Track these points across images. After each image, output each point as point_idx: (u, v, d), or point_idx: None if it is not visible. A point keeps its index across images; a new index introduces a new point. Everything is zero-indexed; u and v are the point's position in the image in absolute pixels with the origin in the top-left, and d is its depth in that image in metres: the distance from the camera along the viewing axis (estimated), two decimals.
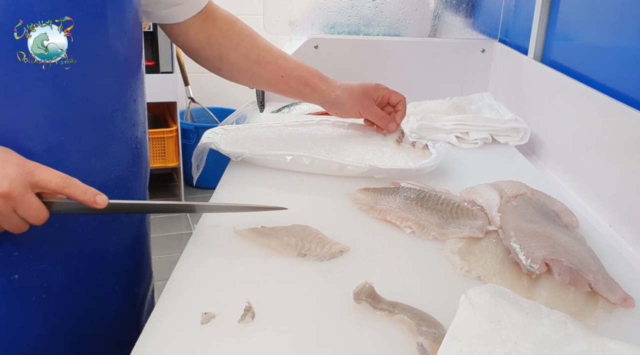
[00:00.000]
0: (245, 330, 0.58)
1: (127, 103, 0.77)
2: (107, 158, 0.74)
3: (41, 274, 0.70)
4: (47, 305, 0.72)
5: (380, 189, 0.87)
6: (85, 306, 0.77)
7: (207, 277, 0.67)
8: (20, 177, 0.60)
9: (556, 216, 0.80)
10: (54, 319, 0.73)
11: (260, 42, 0.99)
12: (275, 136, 1.05)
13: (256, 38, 0.99)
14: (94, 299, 0.78)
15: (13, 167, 0.59)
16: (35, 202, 0.61)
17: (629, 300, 0.63)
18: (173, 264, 0.69)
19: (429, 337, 0.55)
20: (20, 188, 0.59)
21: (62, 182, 0.62)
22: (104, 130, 0.74)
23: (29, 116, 0.65)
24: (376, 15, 1.53)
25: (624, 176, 0.89)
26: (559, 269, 0.65)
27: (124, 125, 0.77)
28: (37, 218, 0.62)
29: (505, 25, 1.50)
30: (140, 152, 0.82)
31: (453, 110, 1.29)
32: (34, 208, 0.61)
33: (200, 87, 3.03)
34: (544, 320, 0.55)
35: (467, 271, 0.69)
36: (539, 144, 1.19)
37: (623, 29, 1.00)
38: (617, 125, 0.92)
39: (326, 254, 0.70)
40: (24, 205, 0.60)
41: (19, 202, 0.60)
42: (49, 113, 0.66)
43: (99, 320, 0.80)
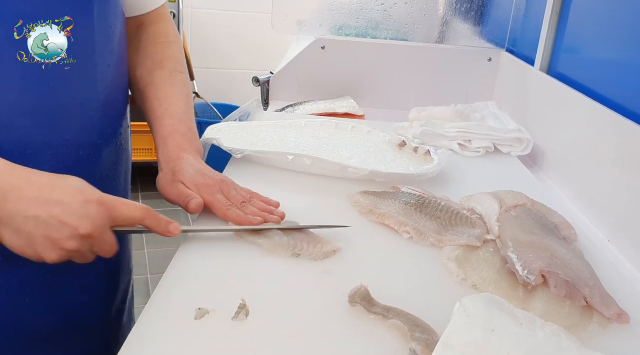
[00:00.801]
0: (238, 327, 0.57)
1: (120, 99, 0.77)
2: (100, 155, 0.74)
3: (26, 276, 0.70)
4: (31, 303, 0.71)
5: (380, 192, 0.87)
6: (68, 304, 0.76)
7: (203, 274, 0.67)
8: (102, 217, 0.59)
9: (555, 228, 0.80)
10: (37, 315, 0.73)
11: (156, 80, 0.81)
12: (278, 135, 1.05)
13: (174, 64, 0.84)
14: (77, 297, 0.77)
15: (94, 207, 0.58)
16: (110, 239, 0.61)
17: (623, 316, 0.63)
18: (169, 259, 0.69)
19: (421, 344, 0.55)
20: (101, 229, 0.59)
21: (141, 215, 0.62)
22: (105, 129, 0.74)
23: (30, 116, 0.65)
24: (385, 19, 1.53)
25: (625, 192, 0.89)
26: (556, 281, 0.65)
27: (116, 123, 0.77)
28: (110, 253, 0.62)
29: (513, 35, 1.50)
30: (124, 148, 0.82)
31: (457, 117, 1.29)
32: (109, 244, 0.61)
33: (206, 82, 3.03)
34: (538, 333, 0.55)
35: (463, 279, 0.69)
36: (541, 155, 1.19)
37: (631, 44, 1.00)
38: (621, 141, 0.92)
39: (319, 253, 0.70)
40: (101, 243, 0.60)
41: (97, 241, 0.59)
42: (50, 112, 0.66)
43: (81, 317, 0.79)
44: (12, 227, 0.56)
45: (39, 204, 0.56)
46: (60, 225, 0.56)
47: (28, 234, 0.56)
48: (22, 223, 0.56)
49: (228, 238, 0.73)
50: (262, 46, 3.00)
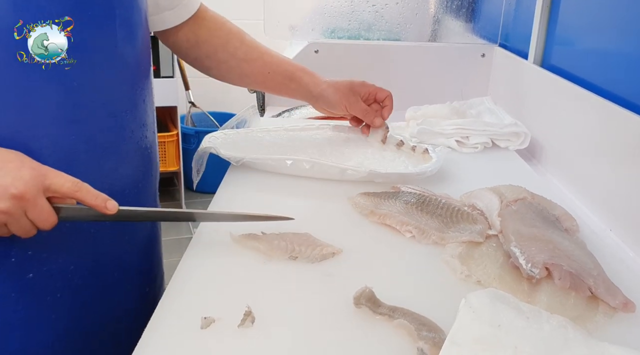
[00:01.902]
0: (245, 335, 0.57)
1: (136, 103, 0.77)
2: (117, 159, 0.75)
3: (55, 273, 0.71)
4: (61, 304, 0.72)
5: (381, 193, 0.87)
6: (98, 305, 0.77)
7: (207, 282, 0.67)
8: (34, 179, 0.60)
9: (556, 220, 0.80)
10: (68, 318, 0.73)
11: (247, 40, 0.99)
12: (276, 140, 1.05)
13: (244, 36, 0.99)
14: (107, 298, 0.78)
15: (27, 170, 0.60)
16: (46, 206, 0.61)
17: (629, 305, 0.63)
18: (173, 269, 0.69)
19: (429, 342, 0.55)
20: (34, 191, 0.60)
21: (73, 186, 0.62)
22: (113, 130, 0.74)
23: (31, 117, 0.65)
24: (376, 19, 1.53)
25: (625, 180, 0.89)
26: (560, 273, 0.65)
27: (133, 126, 0.77)
28: (47, 222, 0.62)
29: (505, 30, 1.50)
30: (150, 154, 0.82)
31: (453, 114, 1.29)
32: (44, 212, 0.61)
33: (201, 91, 3.03)
34: (544, 325, 0.55)
35: (467, 276, 0.69)
36: (539, 148, 1.19)
37: (622, 34, 1.00)
38: (617, 129, 0.92)
39: (317, 255, 0.71)
40: (36, 209, 0.61)
41: (31, 205, 0.60)
42: (52, 113, 0.66)
43: (112, 319, 0.80)
44: None
45: None
46: None
47: None
48: None
49: (230, 245, 0.73)
50: None
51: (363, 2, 1.51)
